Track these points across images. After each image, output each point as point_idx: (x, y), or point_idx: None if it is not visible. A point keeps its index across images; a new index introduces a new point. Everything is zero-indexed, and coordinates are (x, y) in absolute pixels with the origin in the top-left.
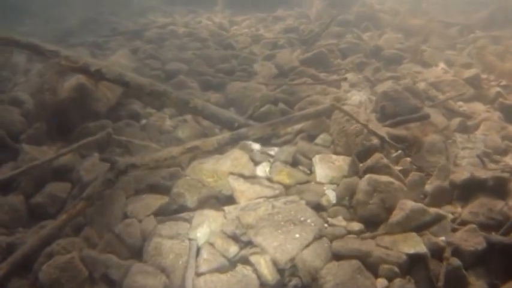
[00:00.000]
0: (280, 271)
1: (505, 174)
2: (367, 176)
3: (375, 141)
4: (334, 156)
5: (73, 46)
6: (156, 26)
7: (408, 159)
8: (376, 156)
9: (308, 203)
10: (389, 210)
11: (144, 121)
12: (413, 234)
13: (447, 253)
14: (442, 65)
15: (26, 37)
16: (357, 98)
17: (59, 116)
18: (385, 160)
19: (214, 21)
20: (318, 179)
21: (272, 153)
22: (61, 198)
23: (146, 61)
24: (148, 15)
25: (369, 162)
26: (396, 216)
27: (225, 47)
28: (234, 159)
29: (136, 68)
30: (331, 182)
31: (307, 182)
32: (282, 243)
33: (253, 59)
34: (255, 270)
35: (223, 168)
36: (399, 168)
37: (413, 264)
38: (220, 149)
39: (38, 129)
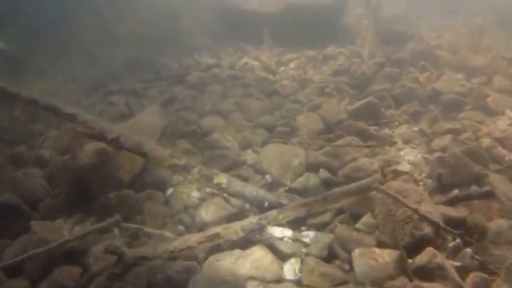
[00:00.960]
0: None
1: None
2: (414, 284)
3: (428, 230)
4: (377, 251)
5: (110, 94)
6: (199, 69)
7: (468, 250)
8: (429, 252)
9: None
10: None
11: (170, 190)
12: None
13: None
14: (508, 112)
15: (46, 97)
16: (411, 159)
17: (79, 183)
18: (439, 259)
19: (261, 60)
20: (358, 278)
21: (306, 240)
22: (68, 287)
23: (181, 113)
24: (195, 55)
25: (419, 259)
26: None
27: (269, 93)
28: (254, 261)
29: (168, 124)
30: (373, 284)
31: (345, 282)
32: None
33: (297, 110)
34: None
35: (242, 271)
36: (457, 264)
37: None
38: (247, 235)
39: (56, 198)
